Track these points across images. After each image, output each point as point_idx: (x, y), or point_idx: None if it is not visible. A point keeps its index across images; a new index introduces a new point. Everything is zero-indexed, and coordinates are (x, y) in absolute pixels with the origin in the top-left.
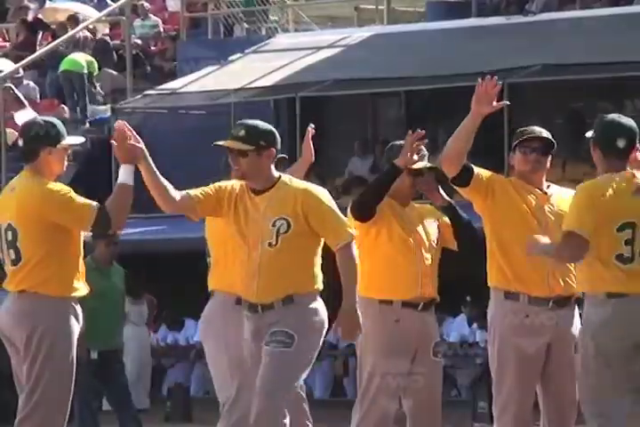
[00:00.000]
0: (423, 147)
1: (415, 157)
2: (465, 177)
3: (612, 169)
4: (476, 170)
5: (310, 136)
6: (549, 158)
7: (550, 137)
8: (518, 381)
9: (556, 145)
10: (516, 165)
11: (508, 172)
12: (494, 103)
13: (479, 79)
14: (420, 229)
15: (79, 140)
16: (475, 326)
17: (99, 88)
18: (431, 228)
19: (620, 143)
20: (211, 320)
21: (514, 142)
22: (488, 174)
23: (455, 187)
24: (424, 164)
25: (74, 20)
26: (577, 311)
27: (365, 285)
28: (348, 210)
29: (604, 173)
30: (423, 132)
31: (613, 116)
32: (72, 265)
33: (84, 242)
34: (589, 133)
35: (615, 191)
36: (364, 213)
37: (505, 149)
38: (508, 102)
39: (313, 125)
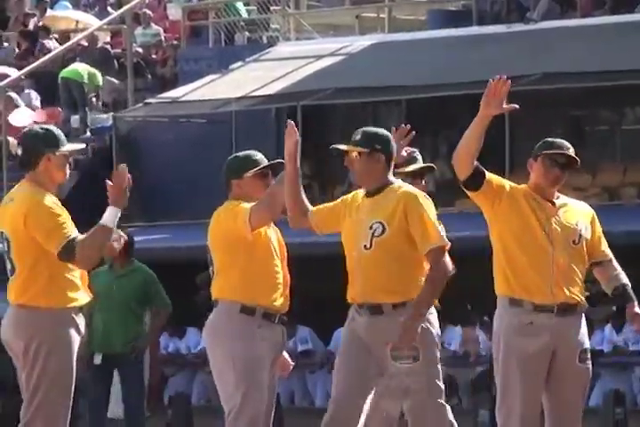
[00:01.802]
0: (416, 150)
1: (404, 153)
2: (476, 181)
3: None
4: (489, 175)
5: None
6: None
7: (574, 155)
8: (523, 382)
9: (579, 163)
10: (533, 174)
11: (509, 176)
12: (504, 105)
13: (490, 80)
14: None
15: (79, 146)
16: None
17: (100, 100)
18: None
19: None
20: (216, 329)
21: (538, 151)
22: (500, 181)
23: (466, 191)
24: (417, 165)
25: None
26: (583, 321)
27: None
28: None
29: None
30: (408, 127)
31: None
32: (65, 276)
33: None
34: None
35: None
36: None
37: (506, 159)
38: (517, 106)
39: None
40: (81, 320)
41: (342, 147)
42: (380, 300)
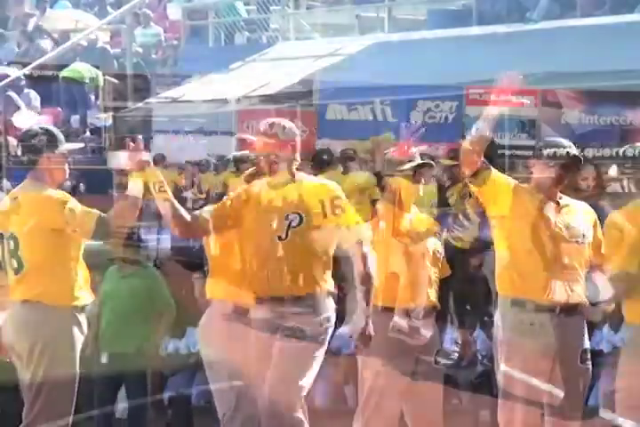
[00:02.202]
0: (427, 146)
1: (413, 149)
2: (482, 176)
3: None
4: (494, 171)
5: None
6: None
7: (577, 153)
8: (525, 382)
9: (582, 161)
10: (536, 174)
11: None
12: (514, 99)
13: (502, 73)
14: (422, 235)
15: (77, 146)
16: (475, 333)
17: (100, 100)
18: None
19: None
20: (209, 329)
21: (539, 151)
22: (505, 179)
23: (471, 185)
24: (414, 163)
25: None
26: (584, 321)
27: None
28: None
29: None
30: (419, 123)
31: None
32: (74, 274)
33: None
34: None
35: None
36: None
37: (505, 157)
38: (528, 101)
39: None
40: (83, 319)
41: (251, 137)
42: (283, 293)
